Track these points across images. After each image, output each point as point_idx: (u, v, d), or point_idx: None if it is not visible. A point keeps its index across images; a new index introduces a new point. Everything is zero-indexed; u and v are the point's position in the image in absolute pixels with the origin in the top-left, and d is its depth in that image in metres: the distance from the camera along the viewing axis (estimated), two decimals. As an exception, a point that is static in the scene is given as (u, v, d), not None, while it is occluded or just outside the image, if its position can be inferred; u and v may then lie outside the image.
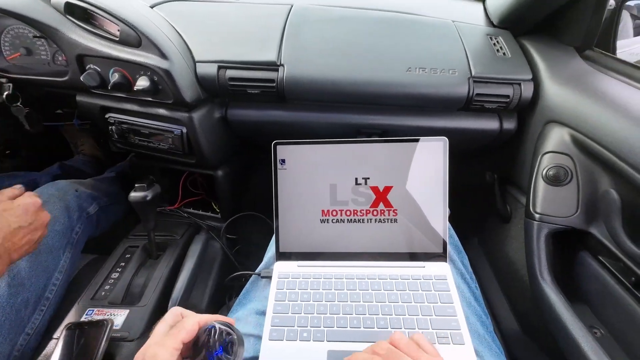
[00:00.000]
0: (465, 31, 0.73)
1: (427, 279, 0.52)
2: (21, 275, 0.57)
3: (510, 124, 0.71)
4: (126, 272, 0.68)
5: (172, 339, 0.35)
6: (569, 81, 0.61)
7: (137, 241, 0.76)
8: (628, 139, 0.47)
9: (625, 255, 0.48)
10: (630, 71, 0.59)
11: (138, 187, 0.66)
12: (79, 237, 0.71)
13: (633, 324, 0.47)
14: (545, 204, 0.58)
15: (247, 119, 0.72)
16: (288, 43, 0.68)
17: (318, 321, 0.48)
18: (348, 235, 0.56)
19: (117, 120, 0.71)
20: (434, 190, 0.54)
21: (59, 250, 0.65)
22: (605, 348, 0.46)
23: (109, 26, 0.63)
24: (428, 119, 0.71)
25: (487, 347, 0.48)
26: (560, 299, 0.52)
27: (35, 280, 0.59)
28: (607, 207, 0.51)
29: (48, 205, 0.67)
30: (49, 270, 0.62)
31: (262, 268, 0.59)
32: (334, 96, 0.67)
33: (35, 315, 0.58)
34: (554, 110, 0.62)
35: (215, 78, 0.66)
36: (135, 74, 0.63)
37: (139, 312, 0.61)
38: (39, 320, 0.58)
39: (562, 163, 0.58)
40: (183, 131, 0.68)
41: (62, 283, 0.64)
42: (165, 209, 0.88)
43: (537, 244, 0.58)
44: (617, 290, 0.51)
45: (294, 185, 0.56)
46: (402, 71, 0.66)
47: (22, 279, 0.57)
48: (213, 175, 0.81)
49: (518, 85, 0.66)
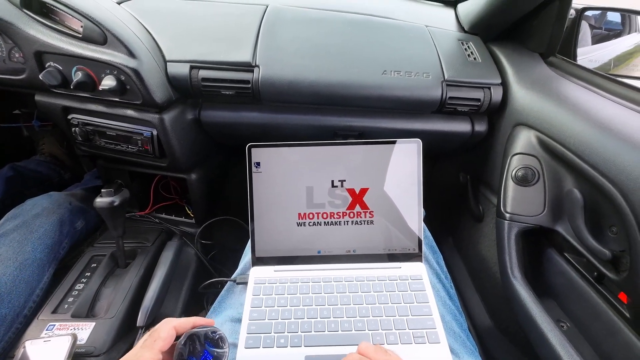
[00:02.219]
0: (438, 36, 0.75)
1: (404, 280, 0.52)
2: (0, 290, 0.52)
3: (481, 127, 0.73)
4: (92, 282, 0.64)
5: (148, 351, 0.33)
6: (535, 86, 0.64)
7: (104, 250, 0.72)
8: (588, 141, 0.50)
9: (588, 251, 0.50)
10: (589, 77, 0.62)
11: (104, 193, 0.63)
12: (64, 253, 0.68)
13: (595, 316, 0.50)
14: (514, 204, 0.60)
15: (221, 121, 0.71)
16: (263, 44, 0.67)
17: (295, 326, 0.47)
18: (325, 238, 0.55)
19: (80, 122, 0.67)
20: (409, 191, 0.55)
21: (46, 265, 0.62)
22: (571, 340, 0.48)
23: (71, 22, 0.59)
24: (403, 121, 0.72)
25: (462, 344, 0.49)
26: (529, 295, 0.54)
27: (15, 296, 0.55)
28: (571, 206, 0.53)
29: (41, 219, 0.66)
30: (31, 286, 0.58)
31: (237, 274, 0.57)
32: (310, 98, 0.67)
33: (9, 334, 0.54)
34: (521, 113, 0.64)
35: (188, 78, 0.64)
36: (100, 72, 0.60)
37: (106, 325, 0.57)
38: (6, 341, 0.54)
39: (529, 164, 0.60)
40: (153, 133, 0.66)
41: (41, 301, 0.61)
42: (135, 215, 0.84)
43: (508, 242, 0.59)
44: (581, 285, 0.53)
45: (269, 188, 0.55)
46: (377, 74, 0.67)
47: (2, 294, 0.52)
48: (186, 179, 0.78)
49: (488, 89, 0.68)
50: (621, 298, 0.46)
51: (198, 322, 0.37)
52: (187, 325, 0.36)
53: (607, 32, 0.91)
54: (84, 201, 0.80)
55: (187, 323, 0.36)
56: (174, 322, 0.36)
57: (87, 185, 0.92)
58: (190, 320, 0.37)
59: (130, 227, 0.79)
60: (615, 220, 0.47)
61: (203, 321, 0.37)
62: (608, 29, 0.91)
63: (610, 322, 0.47)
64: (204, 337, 0.36)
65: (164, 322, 0.35)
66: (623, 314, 0.46)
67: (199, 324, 0.37)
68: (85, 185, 0.92)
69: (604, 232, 0.50)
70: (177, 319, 0.36)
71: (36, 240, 0.63)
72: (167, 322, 0.35)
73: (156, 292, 0.65)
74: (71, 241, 0.72)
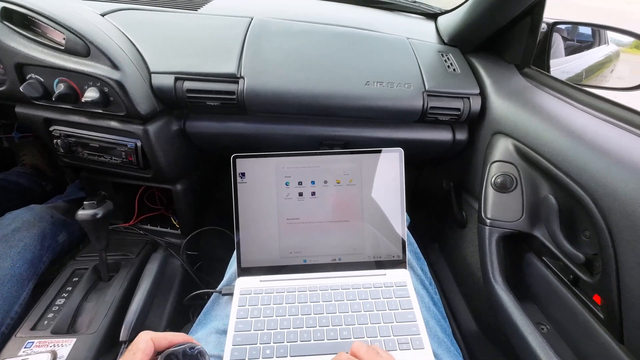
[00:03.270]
0: (419, 48, 0.77)
1: (388, 287, 0.53)
2: None
3: (462, 135, 0.75)
4: (73, 297, 0.63)
5: None
6: (511, 96, 0.67)
7: (86, 263, 0.70)
8: (561, 149, 0.52)
9: (563, 255, 0.52)
10: (561, 88, 0.65)
11: (87, 205, 0.62)
12: (45, 267, 0.67)
13: (573, 318, 0.51)
14: (494, 210, 0.62)
15: (206, 132, 0.71)
16: (248, 55, 0.68)
17: (281, 336, 0.47)
18: (311, 247, 0.56)
19: (63, 134, 0.67)
20: (392, 199, 0.56)
21: (25, 280, 0.61)
22: (550, 343, 0.49)
23: (53, 34, 0.59)
24: (387, 131, 0.74)
25: (446, 349, 0.50)
26: (510, 299, 0.56)
27: None
28: (547, 211, 0.56)
29: (22, 232, 0.64)
30: (9, 303, 0.57)
31: (223, 285, 0.57)
32: (295, 108, 0.68)
33: None
34: (499, 122, 0.67)
35: (173, 90, 0.64)
36: (83, 84, 0.59)
37: (88, 341, 0.56)
38: None
39: (508, 171, 0.62)
40: (137, 144, 0.65)
41: (20, 318, 0.59)
42: (119, 227, 0.82)
43: (489, 247, 0.61)
44: (559, 288, 0.55)
45: (254, 198, 0.55)
46: (360, 84, 0.68)
47: None
48: (171, 190, 0.78)
49: (467, 99, 0.71)
50: (595, 300, 0.48)
51: (175, 338, 0.36)
52: (164, 338, 0.36)
53: (580, 44, 0.95)
54: (67, 213, 0.78)
55: (164, 336, 0.36)
56: (151, 334, 0.35)
57: (70, 197, 0.90)
58: (167, 336, 0.36)
59: (114, 239, 0.78)
60: (588, 225, 0.49)
61: (180, 337, 0.37)
62: (580, 41, 0.96)
63: (586, 323, 0.49)
64: (182, 355, 0.35)
65: (141, 334, 0.35)
66: (598, 315, 0.47)
67: (176, 341, 0.36)
68: (68, 197, 0.90)
69: (578, 236, 0.52)
70: (154, 332, 0.36)
71: (15, 255, 0.62)
72: (144, 334, 0.35)
73: (140, 305, 0.64)
74: (53, 255, 0.71)
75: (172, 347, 0.36)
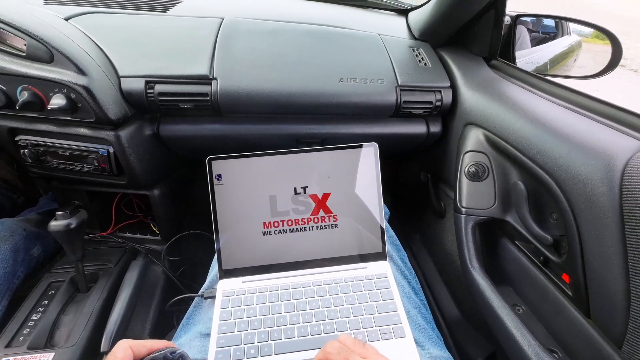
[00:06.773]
0: (391, 43, 0.78)
1: (370, 279, 0.54)
2: None
3: (435, 128, 0.77)
4: (50, 310, 0.61)
5: None
6: (479, 87, 0.69)
7: (62, 275, 0.69)
8: (526, 136, 0.54)
9: (533, 237, 0.55)
10: (526, 78, 0.68)
11: (59, 215, 0.60)
12: (19, 283, 0.64)
13: (544, 297, 0.54)
14: (469, 198, 0.64)
15: (181, 135, 0.70)
16: (220, 56, 0.67)
17: (265, 335, 0.47)
18: (291, 245, 0.56)
19: (30, 143, 0.64)
20: (369, 193, 0.57)
21: None
22: (525, 323, 0.52)
23: (13, 40, 0.57)
24: (363, 126, 0.75)
25: (427, 336, 0.52)
26: (487, 284, 0.58)
27: None
28: (517, 197, 0.58)
29: None
30: None
31: (205, 288, 0.57)
32: (270, 108, 0.68)
33: None
34: (470, 113, 0.69)
35: (143, 93, 0.63)
36: (48, 91, 0.57)
37: (67, 354, 0.55)
38: None
39: (480, 160, 0.65)
40: (110, 151, 0.64)
41: None
42: (96, 236, 0.80)
43: (466, 235, 0.63)
44: (531, 269, 0.57)
45: (232, 200, 0.55)
46: (334, 82, 0.69)
47: None
48: (149, 195, 0.76)
49: (439, 92, 0.73)
50: (564, 279, 0.51)
51: (155, 345, 0.36)
52: (143, 345, 0.35)
53: (544, 36, 0.99)
54: (40, 226, 0.76)
55: (143, 344, 0.35)
56: (129, 342, 0.35)
57: (42, 208, 0.87)
58: (146, 343, 0.36)
59: (91, 249, 0.76)
60: (554, 208, 0.52)
61: (160, 344, 0.36)
62: (544, 33, 1.00)
63: (556, 301, 0.52)
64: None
65: (120, 343, 0.34)
66: (567, 293, 0.50)
67: (156, 348, 0.36)
68: (40, 209, 0.87)
69: (546, 219, 0.54)
70: (133, 340, 0.36)
71: None
72: (123, 342, 0.34)
73: (121, 314, 0.63)
74: (27, 269, 0.69)
75: (153, 353, 0.36)
